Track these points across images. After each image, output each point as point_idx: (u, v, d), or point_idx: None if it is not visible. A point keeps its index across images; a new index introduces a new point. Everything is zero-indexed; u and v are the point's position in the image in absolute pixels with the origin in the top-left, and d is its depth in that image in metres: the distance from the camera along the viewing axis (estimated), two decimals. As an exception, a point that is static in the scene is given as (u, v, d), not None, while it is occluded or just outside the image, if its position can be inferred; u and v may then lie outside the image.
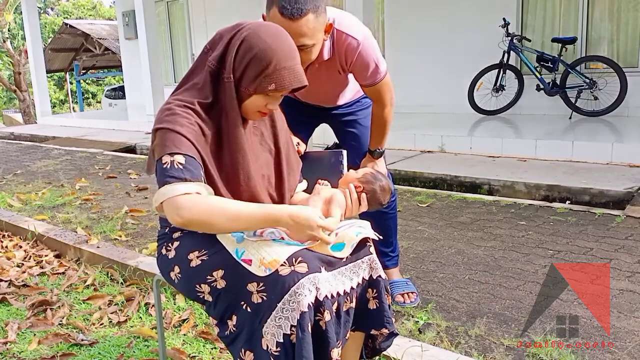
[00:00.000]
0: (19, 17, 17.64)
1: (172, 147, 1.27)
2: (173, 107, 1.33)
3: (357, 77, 1.93)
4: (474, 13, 6.96)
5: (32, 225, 3.40)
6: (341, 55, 1.84)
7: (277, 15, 1.56)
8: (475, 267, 2.55)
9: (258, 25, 1.34)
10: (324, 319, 1.28)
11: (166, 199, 1.24)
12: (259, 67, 1.31)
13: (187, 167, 1.26)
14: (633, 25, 6.19)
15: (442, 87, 7.27)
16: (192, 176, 1.26)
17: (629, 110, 5.91)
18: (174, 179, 1.25)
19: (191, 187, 1.25)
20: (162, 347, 1.81)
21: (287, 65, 1.32)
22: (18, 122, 15.88)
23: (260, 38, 1.31)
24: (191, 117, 1.32)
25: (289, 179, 1.54)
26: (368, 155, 2.12)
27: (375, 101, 2.01)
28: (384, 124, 2.05)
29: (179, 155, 1.27)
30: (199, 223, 1.24)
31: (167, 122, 1.30)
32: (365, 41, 1.83)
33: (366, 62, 1.85)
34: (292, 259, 1.27)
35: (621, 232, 2.90)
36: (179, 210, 1.22)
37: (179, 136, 1.28)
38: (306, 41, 1.60)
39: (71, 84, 19.56)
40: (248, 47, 1.31)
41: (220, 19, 9.88)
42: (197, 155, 1.31)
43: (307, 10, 1.55)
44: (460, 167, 4.50)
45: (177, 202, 1.23)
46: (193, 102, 1.34)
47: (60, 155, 6.48)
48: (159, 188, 1.27)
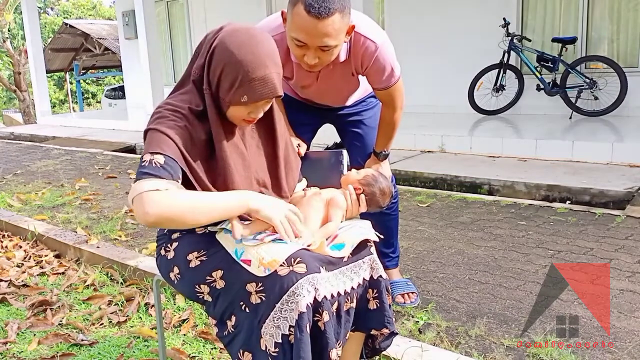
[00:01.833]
0: (19, 17, 17.65)
1: (155, 147, 1.27)
2: (163, 110, 1.33)
3: (371, 80, 1.90)
4: (474, 13, 6.96)
5: (32, 225, 3.40)
6: (357, 58, 1.80)
7: (302, 13, 1.50)
8: (475, 267, 2.55)
9: (228, 34, 1.31)
10: (322, 319, 1.28)
11: (135, 196, 1.21)
12: (229, 80, 1.29)
13: (164, 166, 1.25)
14: (633, 25, 6.19)
15: (442, 87, 7.27)
16: (167, 175, 1.24)
17: (629, 110, 5.90)
18: (146, 175, 1.23)
19: (161, 184, 1.22)
20: (162, 347, 1.81)
21: (257, 76, 1.28)
22: (18, 122, 15.89)
23: (226, 49, 1.28)
24: (180, 121, 1.32)
25: (287, 181, 1.54)
26: (373, 157, 2.10)
27: (386, 104, 1.98)
28: (392, 127, 2.03)
29: (159, 155, 1.26)
30: (167, 219, 1.21)
31: (155, 123, 1.31)
32: (383, 45, 1.79)
33: (382, 66, 1.81)
34: (291, 259, 1.27)
35: (621, 232, 2.90)
36: (145, 207, 1.19)
37: (163, 136, 1.28)
38: (330, 42, 1.55)
39: (71, 84, 19.56)
40: (218, 58, 1.29)
41: (220, 19, 9.85)
42: (180, 157, 1.29)
43: (334, 10, 1.50)
44: (460, 167, 4.50)
45: (144, 198, 1.19)
46: (184, 107, 1.34)
47: (60, 155, 6.48)
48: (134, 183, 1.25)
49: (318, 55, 1.59)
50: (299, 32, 1.54)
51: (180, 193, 1.25)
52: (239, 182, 1.39)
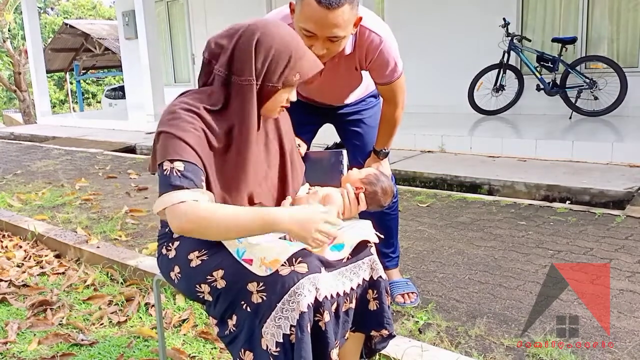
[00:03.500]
0: (19, 17, 17.64)
1: (173, 153, 1.28)
2: (178, 110, 1.32)
3: (375, 74, 1.91)
4: (474, 13, 6.96)
5: (32, 225, 3.40)
6: (362, 51, 1.82)
7: (312, 4, 1.52)
8: (475, 267, 2.55)
9: (264, 24, 1.36)
10: (323, 319, 1.29)
11: (166, 208, 1.26)
12: (283, 62, 1.33)
13: (185, 174, 1.27)
14: (633, 25, 6.19)
15: (442, 87, 7.27)
16: (189, 184, 1.26)
17: (629, 110, 5.90)
18: (171, 187, 1.25)
19: (188, 195, 1.25)
20: (162, 347, 1.81)
21: (303, 55, 1.37)
22: (18, 122, 15.88)
23: (274, 35, 1.34)
24: (196, 122, 1.32)
25: (292, 183, 1.54)
26: (373, 156, 2.10)
27: (388, 101, 1.99)
28: (393, 124, 2.03)
29: (178, 162, 1.27)
30: (197, 231, 1.25)
31: (171, 127, 1.30)
32: (387, 39, 1.81)
33: (386, 59, 1.83)
34: (292, 259, 1.27)
35: (621, 232, 2.90)
36: (175, 219, 1.24)
37: (180, 142, 1.28)
38: (339, 32, 1.58)
39: (71, 84, 19.57)
40: (267, 46, 1.33)
41: (220, 19, 9.88)
42: (199, 161, 1.30)
43: (344, 1, 1.53)
44: (460, 167, 4.50)
45: (174, 211, 1.24)
46: (199, 106, 1.34)
47: (60, 155, 6.48)
48: (159, 195, 1.28)
49: (326, 46, 1.62)
50: (309, 22, 1.56)
51: (213, 208, 1.26)
52: (250, 179, 1.40)
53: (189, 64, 10.78)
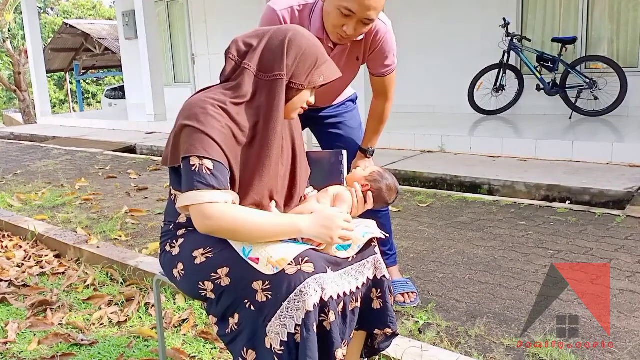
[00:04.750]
0: (19, 17, 17.65)
1: (202, 149, 1.29)
2: (206, 105, 1.32)
3: (373, 65, 1.98)
4: (474, 13, 6.96)
5: (32, 225, 3.40)
6: (369, 38, 1.89)
7: None
8: (475, 267, 2.55)
9: (294, 27, 1.44)
10: (328, 319, 1.29)
11: (193, 205, 1.28)
12: (310, 63, 1.40)
13: (214, 173, 1.29)
14: (633, 25, 6.19)
15: (442, 87, 7.27)
16: (219, 184, 1.29)
17: (629, 110, 5.91)
18: (202, 184, 1.27)
19: (219, 196, 1.28)
20: (162, 347, 1.81)
21: (327, 59, 1.44)
22: (18, 122, 15.89)
23: (303, 37, 1.41)
24: (222, 119, 1.32)
25: (300, 186, 1.55)
26: (360, 154, 2.13)
27: (379, 94, 2.05)
28: (382, 120, 2.08)
29: (207, 160, 1.29)
30: (225, 232, 1.30)
31: (198, 122, 1.30)
32: (390, 29, 1.92)
33: (387, 49, 1.92)
34: (298, 258, 1.28)
35: (621, 232, 2.90)
36: (206, 219, 1.27)
37: (208, 139, 1.29)
38: (373, 15, 1.68)
39: (71, 84, 19.58)
40: (297, 46, 1.39)
41: (220, 19, 9.89)
42: (225, 160, 1.32)
43: None
44: (460, 167, 4.50)
45: (205, 210, 1.27)
46: (225, 101, 1.35)
47: (60, 155, 6.48)
48: (184, 190, 1.30)
49: (358, 28, 1.71)
50: (352, 2, 1.64)
51: (239, 211, 1.31)
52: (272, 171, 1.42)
53: (189, 64, 10.78)
